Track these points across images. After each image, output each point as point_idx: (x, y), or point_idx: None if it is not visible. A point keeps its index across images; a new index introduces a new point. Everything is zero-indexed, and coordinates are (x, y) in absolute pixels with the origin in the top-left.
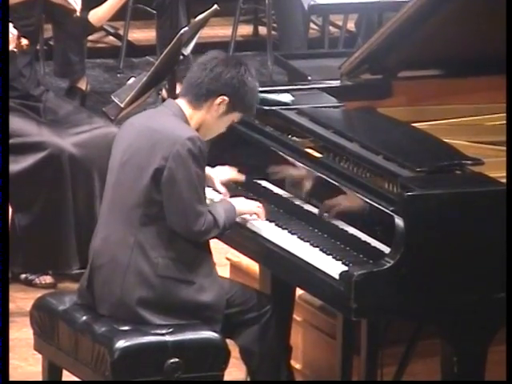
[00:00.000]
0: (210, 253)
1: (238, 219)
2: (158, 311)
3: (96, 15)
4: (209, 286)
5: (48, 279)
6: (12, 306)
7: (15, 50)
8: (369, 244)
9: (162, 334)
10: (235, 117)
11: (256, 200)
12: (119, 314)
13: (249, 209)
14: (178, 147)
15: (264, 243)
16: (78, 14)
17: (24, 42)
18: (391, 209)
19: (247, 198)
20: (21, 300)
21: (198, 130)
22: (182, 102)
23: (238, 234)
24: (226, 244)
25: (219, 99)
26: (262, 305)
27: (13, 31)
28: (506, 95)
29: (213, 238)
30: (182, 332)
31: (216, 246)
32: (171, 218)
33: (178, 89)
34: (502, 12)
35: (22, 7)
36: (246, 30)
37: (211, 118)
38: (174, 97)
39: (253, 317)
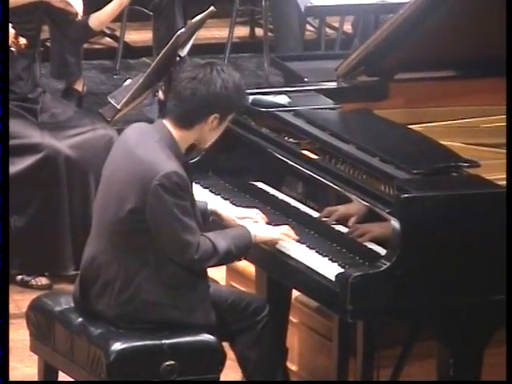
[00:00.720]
0: (205, 274)
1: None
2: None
3: (97, 20)
4: (198, 308)
5: (44, 280)
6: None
7: (13, 49)
8: (365, 246)
9: (158, 337)
10: (230, 119)
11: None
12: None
13: (271, 236)
14: (154, 185)
15: (260, 245)
16: (79, 17)
17: (22, 41)
18: (387, 211)
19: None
20: (17, 301)
21: (196, 143)
22: (170, 125)
23: None
24: None
25: (211, 118)
26: (259, 311)
27: (11, 30)
28: (506, 97)
29: (218, 265)
30: (177, 334)
31: None
32: (164, 250)
33: None
34: (498, 14)
35: (23, 11)
36: (242, 31)
37: (207, 133)
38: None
39: (250, 324)
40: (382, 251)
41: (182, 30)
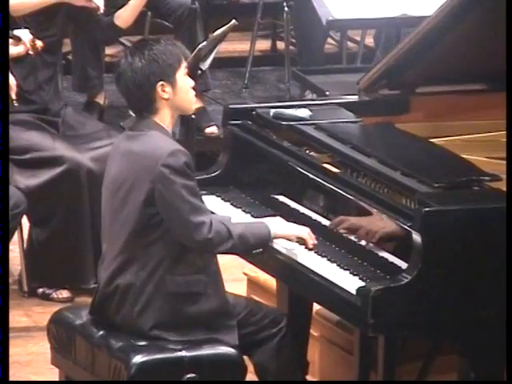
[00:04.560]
0: (216, 259)
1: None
2: (172, 328)
3: (121, 17)
4: (216, 294)
5: (65, 293)
6: (29, 321)
7: (31, 53)
8: (386, 259)
9: (179, 350)
10: (182, 73)
11: (275, 215)
12: (135, 334)
13: (290, 232)
14: (160, 167)
15: (281, 258)
16: (101, 11)
17: (39, 43)
18: (409, 224)
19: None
20: (38, 314)
21: (180, 112)
22: (144, 116)
23: None
24: (243, 259)
25: (158, 88)
26: (278, 322)
27: (28, 35)
28: (506, 111)
29: (232, 252)
30: (198, 347)
31: (233, 260)
32: (176, 235)
33: (198, 103)
34: None
35: (43, 17)
36: (264, 44)
37: (173, 101)
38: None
39: (268, 334)
40: (404, 265)
41: (204, 43)
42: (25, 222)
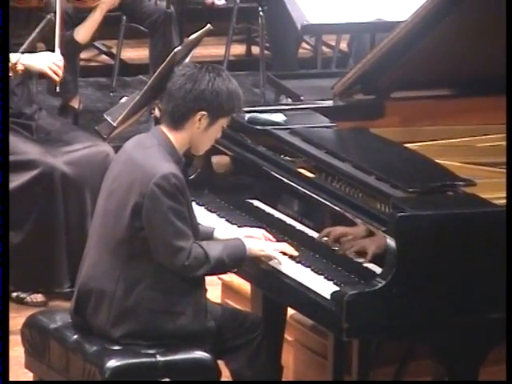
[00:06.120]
0: (202, 281)
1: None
2: (144, 339)
3: (81, 32)
4: (197, 316)
5: (39, 297)
6: None
7: (11, 74)
8: (360, 264)
9: (153, 354)
10: (222, 123)
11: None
12: (109, 341)
13: (265, 251)
14: (152, 186)
15: (256, 263)
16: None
17: (19, 67)
18: (383, 229)
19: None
20: (12, 318)
21: (190, 147)
22: (166, 129)
23: None
24: None
25: (198, 115)
26: (254, 329)
27: (13, 59)
28: (506, 115)
29: (210, 274)
30: (173, 352)
31: None
32: (155, 254)
33: None
34: (494, 33)
35: (15, 24)
36: (238, 49)
37: (197, 134)
38: None
39: (244, 341)
40: (378, 269)
41: (179, 47)
42: None
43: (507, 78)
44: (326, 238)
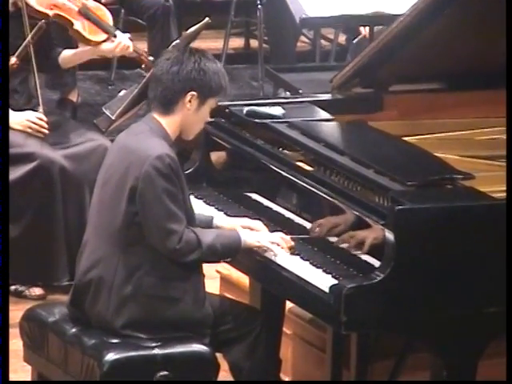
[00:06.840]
0: (199, 267)
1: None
2: (145, 329)
3: (65, 59)
4: (196, 302)
5: (38, 291)
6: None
7: None
8: (359, 257)
9: (152, 347)
10: (211, 103)
11: (248, 215)
12: (108, 332)
13: (261, 242)
14: (146, 167)
15: (254, 256)
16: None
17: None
18: (382, 222)
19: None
20: (11, 311)
21: (181, 132)
22: (157, 115)
23: None
24: None
25: (188, 96)
26: (252, 321)
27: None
28: (506, 109)
29: (202, 261)
30: (171, 345)
31: None
32: (148, 237)
33: None
34: (494, 26)
35: (14, 24)
36: (237, 42)
37: (188, 116)
38: None
39: (243, 333)
40: (376, 263)
41: (177, 40)
42: None
43: (507, 71)
44: (318, 229)
